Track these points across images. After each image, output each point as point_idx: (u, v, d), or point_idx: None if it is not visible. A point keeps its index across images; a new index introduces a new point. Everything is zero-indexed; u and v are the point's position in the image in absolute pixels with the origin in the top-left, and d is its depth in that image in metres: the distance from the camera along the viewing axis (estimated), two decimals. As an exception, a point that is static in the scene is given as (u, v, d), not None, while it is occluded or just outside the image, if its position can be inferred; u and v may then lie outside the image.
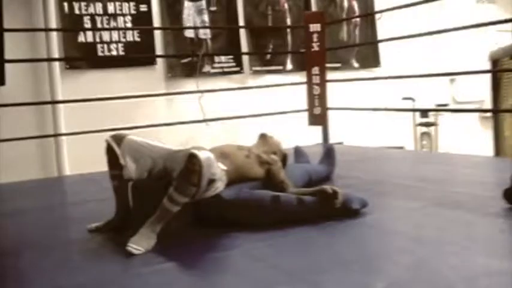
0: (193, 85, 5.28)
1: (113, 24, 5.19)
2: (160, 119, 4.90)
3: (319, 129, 4.89)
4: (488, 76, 6.86)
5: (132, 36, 5.28)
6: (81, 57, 5.07)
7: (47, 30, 4.83)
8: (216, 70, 5.67)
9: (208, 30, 5.64)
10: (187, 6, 5.57)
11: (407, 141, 6.72)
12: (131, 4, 5.27)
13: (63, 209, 2.85)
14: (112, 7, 5.19)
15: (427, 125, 6.87)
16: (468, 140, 6.78)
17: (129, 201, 2.20)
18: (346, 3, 6.50)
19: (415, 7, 4.14)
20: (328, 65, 4.88)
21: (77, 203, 2.93)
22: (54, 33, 4.89)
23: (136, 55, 5.29)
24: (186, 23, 5.56)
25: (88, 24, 5.08)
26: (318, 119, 4.73)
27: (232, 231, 2.03)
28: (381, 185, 2.89)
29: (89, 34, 5.09)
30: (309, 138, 4.75)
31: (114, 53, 5.17)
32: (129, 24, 5.26)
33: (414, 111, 6.61)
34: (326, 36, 4.75)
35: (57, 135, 4.77)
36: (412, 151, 6.21)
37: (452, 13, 6.39)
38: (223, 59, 5.72)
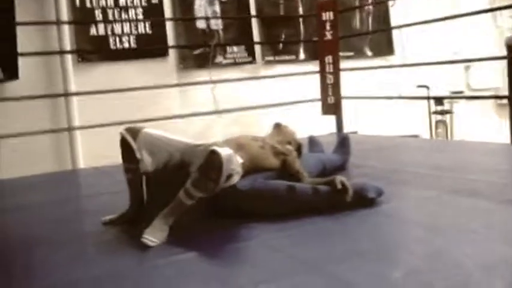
0: (206, 76, 5.27)
1: (124, 16, 5.18)
2: (173, 110, 4.91)
3: (332, 119, 4.86)
4: (504, 62, 6.76)
5: (144, 28, 5.27)
6: (94, 49, 5.07)
7: (59, 23, 4.83)
8: (228, 61, 5.64)
9: (219, 21, 5.62)
10: (199, -3, 5.56)
11: (422, 130, 6.65)
12: (142, -4, 5.27)
13: (77, 202, 2.86)
14: (123, 0, 5.19)
15: (442, 112, 6.80)
16: (484, 127, 6.70)
17: (143, 194, 2.21)
18: (358, -9, 6.45)
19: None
20: (341, 53, 4.85)
21: (91, 195, 2.94)
22: (66, 27, 4.89)
23: (148, 47, 5.28)
24: (198, 14, 5.54)
25: (99, 17, 5.08)
26: (331, 108, 4.71)
27: (249, 221, 2.02)
28: (396, 174, 2.86)
29: (101, 27, 5.09)
30: (323, 127, 4.71)
31: (126, 45, 5.17)
32: (141, 17, 5.25)
33: (429, 98, 6.53)
34: (339, 25, 4.71)
35: (71, 129, 4.79)
36: (427, 139, 6.16)
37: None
38: (236, 49, 5.69)
